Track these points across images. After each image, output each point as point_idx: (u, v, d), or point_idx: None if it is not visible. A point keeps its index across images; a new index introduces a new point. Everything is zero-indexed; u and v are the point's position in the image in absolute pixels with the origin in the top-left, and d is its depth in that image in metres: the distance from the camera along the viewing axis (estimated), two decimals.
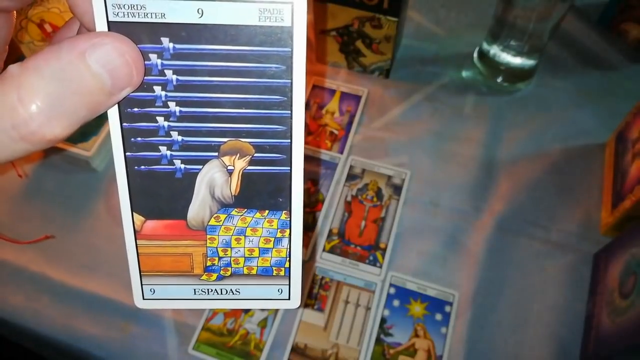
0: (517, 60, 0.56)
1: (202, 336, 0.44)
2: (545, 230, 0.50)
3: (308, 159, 0.53)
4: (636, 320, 0.37)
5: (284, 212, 0.23)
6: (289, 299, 0.25)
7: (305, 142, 0.22)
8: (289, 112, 0.22)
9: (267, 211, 0.23)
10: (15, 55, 0.50)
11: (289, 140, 0.22)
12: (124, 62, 0.19)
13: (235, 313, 0.45)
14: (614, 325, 0.40)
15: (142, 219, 0.23)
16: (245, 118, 0.22)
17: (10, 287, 0.48)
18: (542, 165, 0.54)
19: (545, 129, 0.56)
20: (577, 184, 0.52)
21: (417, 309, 0.46)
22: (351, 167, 0.53)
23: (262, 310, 0.45)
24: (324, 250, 0.48)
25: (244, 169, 0.22)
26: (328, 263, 0.48)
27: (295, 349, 0.44)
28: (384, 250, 0.48)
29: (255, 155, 0.22)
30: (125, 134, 0.21)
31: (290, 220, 0.24)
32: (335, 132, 0.56)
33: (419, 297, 0.46)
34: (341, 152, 0.54)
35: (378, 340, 0.44)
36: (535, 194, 0.52)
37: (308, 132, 0.55)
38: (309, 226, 0.49)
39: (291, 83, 0.21)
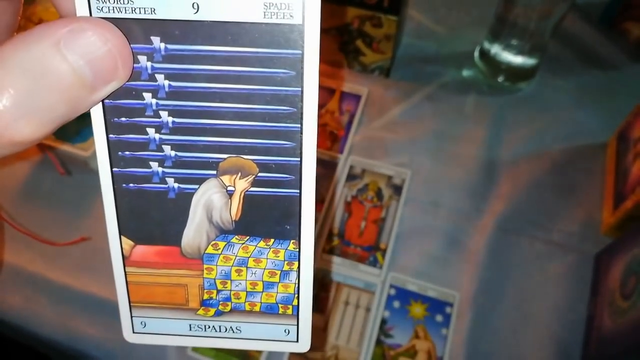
0: (518, 60, 0.56)
1: None
2: (546, 230, 0.50)
3: None
4: (637, 321, 0.37)
5: (292, 241, 0.20)
6: (297, 341, 0.22)
7: None
8: (299, 125, 0.19)
9: (272, 240, 0.20)
10: None
11: (299, 159, 0.19)
12: (106, 52, 0.16)
13: None
14: (615, 326, 0.40)
15: (131, 243, 0.21)
16: (248, 132, 0.19)
17: (9, 287, 0.47)
18: (543, 165, 0.54)
19: (546, 129, 0.56)
20: (578, 184, 0.52)
21: (417, 310, 0.46)
22: (351, 167, 0.53)
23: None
24: (323, 251, 0.48)
25: (246, 191, 0.20)
26: (328, 264, 0.48)
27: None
28: (384, 251, 0.48)
29: (260, 175, 0.19)
30: (112, 147, 0.19)
31: (299, 252, 0.20)
32: (335, 132, 0.56)
33: (420, 298, 0.46)
34: (341, 152, 0.54)
35: (378, 342, 0.44)
36: (536, 194, 0.52)
37: None
38: None
39: (302, 92, 0.18)
